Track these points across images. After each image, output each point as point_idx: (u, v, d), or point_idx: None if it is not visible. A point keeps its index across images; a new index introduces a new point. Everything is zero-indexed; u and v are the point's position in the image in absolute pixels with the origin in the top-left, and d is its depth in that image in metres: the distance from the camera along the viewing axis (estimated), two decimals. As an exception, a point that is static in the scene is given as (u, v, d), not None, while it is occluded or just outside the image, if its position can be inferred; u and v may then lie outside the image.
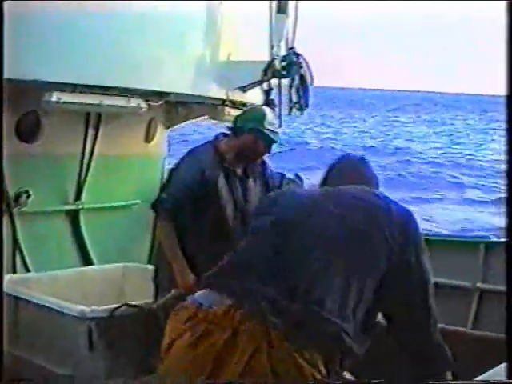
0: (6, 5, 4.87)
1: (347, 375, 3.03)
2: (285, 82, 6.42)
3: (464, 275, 5.94)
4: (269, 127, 4.84)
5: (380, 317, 3.06)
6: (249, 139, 4.83)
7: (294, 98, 6.34)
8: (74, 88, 5.56)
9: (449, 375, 3.12)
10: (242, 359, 2.63)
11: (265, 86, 6.37)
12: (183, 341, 2.74)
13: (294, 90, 6.33)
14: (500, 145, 28.22)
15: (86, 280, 5.57)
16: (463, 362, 3.24)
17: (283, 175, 5.39)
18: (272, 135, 4.84)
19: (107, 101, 5.83)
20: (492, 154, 35.14)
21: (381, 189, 3.37)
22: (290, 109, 6.44)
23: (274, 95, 6.40)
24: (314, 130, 47.83)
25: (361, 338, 2.84)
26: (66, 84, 5.49)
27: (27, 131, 5.96)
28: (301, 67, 6.30)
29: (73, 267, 5.84)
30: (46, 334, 4.79)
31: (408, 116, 71.17)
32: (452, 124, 64.85)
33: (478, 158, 36.42)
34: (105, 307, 4.56)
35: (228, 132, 5.00)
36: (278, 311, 2.67)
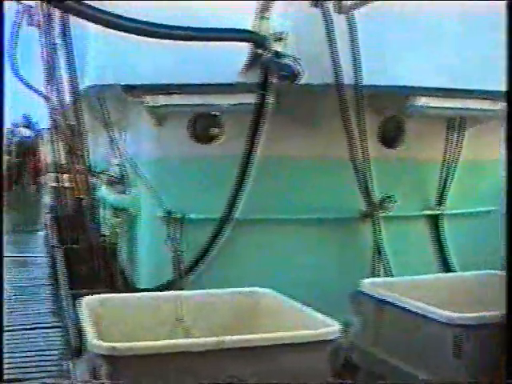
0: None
1: None
2: None
3: None
4: None
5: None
6: None
7: None
8: (439, 92, 5.54)
9: None
10: None
11: None
12: None
13: None
14: None
15: (445, 286, 5.48)
16: None
17: None
18: None
19: (471, 104, 5.74)
20: None
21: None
22: None
23: None
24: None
25: None
26: (429, 88, 5.49)
27: (390, 136, 6.04)
28: None
29: (433, 273, 5.78)
30: (408, 336, 4.78)
31: None
32: None
33: None
34: (473, 314, 4.44)
35: None
36: None
